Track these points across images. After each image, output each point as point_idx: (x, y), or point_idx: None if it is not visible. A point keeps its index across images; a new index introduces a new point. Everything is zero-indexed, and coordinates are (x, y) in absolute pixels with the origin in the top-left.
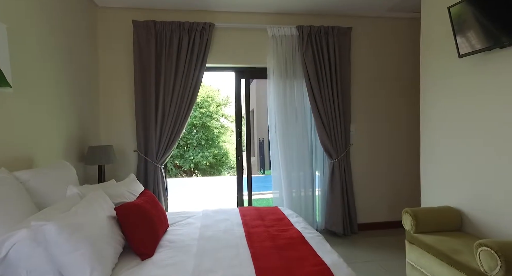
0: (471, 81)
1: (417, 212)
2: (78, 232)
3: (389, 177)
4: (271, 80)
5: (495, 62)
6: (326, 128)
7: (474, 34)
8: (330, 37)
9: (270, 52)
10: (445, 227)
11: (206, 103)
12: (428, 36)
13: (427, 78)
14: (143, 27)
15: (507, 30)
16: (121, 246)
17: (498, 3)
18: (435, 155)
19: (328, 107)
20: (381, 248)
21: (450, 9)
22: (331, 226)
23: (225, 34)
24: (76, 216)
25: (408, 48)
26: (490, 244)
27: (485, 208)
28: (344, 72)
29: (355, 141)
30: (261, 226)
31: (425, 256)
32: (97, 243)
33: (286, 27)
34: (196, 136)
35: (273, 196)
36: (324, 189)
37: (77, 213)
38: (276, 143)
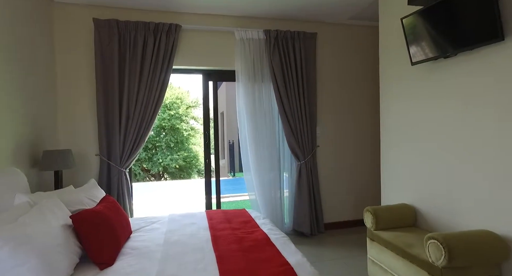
0: (422, 87)
1: (377, 210)
2: (25, 245)
3: (353, 177)
4: (239, 83)
5: (440, 70)
6: (293, 130)
7: (424, 44)
8: (296, 41)
9: (238, 55)
10: (402, 223)
11: (175, 105)
12: (385, 44)
13: (385, 83)
14: (105, 26)
15: (451, 42)
16: (78, 256)
17: (444, 17)
18: (393, 156)
19: (295, 110)
20: (346, 246)
21: (403, 20)
22: (299, 226)
23: (192, 36)
24: (24, 226)
25: (370, 54)
26: (437, 237)
27: (436, 205)
28: (310, 76)
29: (321, 143)
30: (228, 229)
31: (383, 252)
32: (48, 254)
33: (253, 30)
34: (165, 139)
35: (249, 198)
36: (292, 190)
37: (25, 223)
38: (247, 146)
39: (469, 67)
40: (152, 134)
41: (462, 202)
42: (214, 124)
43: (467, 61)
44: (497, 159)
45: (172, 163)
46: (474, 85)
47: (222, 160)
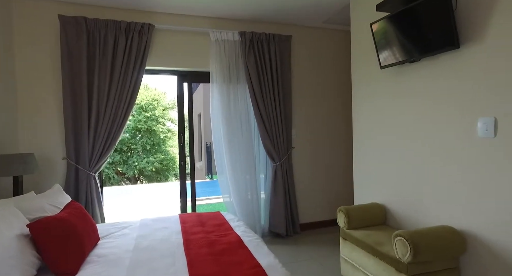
0: (390, 90)
1: (349, 210)
2: None
3: (327, 177)
4: (214, 85)
5: (407, 74)
6: (268, 132)
7: (391, 49)
8: (271, 44)
9: (213, 57)
10: (373, 222)
11: (151, 106)
12: (356, 48)
13: (356, 86)
14: (72, 24)
15: (415, 48)
16: (35, 267)
17: (408, 24)
18: (364, 157)
19: (271, 112)
20: (320, 246)
21: (372, 25)
22: (275, 227)
23: (166, 37)
24: None
25: (343, 57)
26: (403, 234)
27: (403, 203)
28: (285, 79)
29: (296, 144)
30: (201, 232)
31: (355, 250)
32: None
33: (228, 32)
34: (141, 141)
35: (223, 200)
36: (267, 192)
37: None
38: (222, 148)
39: (431, 71)
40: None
41: (426, 200)
42: (189, 126)
43: (430, 66)
44: (455, 159)
45: (148, 166)
46: (436, 88)
47: (199, 162)
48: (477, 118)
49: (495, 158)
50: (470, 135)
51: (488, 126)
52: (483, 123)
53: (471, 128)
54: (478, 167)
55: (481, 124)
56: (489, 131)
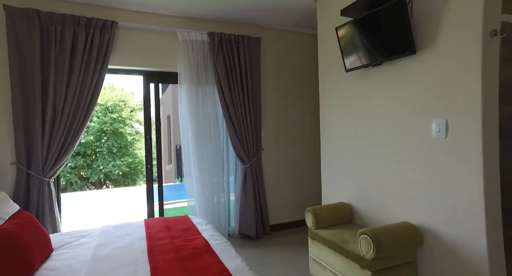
0: (355, 92)
1: (317, 210)
2: None
3: (297, 178)
4: (182, 86)
5: (370, 77)
6: (238, 134)
7: (356, 53)
8: (240, 45)
9: (181, 57)
10: (340, 220)
11: (118, 108)
12: (323, 51)
13: (323, 88)
14: (21, 16)
15: (378, 52)
16: None
17: (370, 30)
18: (331, 157)
19: (240, 114)
20: (290, 246)
21: (337, 29)
22: (245, 229)
23: (131, 35)
24: None
25: (311, 60)
26: (367, 232)
27: (368, 202)
28: (255, 80)
29: (266, 146)
30: (167, 237)
31: (323, 249)
32: None
33: (197, 32)
34: (107, 144)
35: (188, 204)
36: (237, 194)
37: None
38: (189, 150)
39: (392, 75)
40: (92, 139)
41: (388, 198)
42: (156, 127)
43: (391, 70)
44: (412, 159)
45: (115, 170)
46: (396, 91)
47: (169, 165)
48: (432, 120)
49: (447, 158)
50: (426, 136)
51: (440, 127)
52: (436, 124)
53: (426, 129)
54: (432, 166)
55: (435, 125)
56: (441, 132)
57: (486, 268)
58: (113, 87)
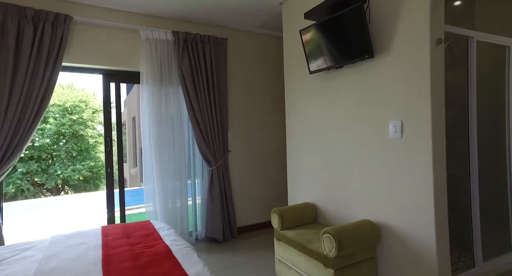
0: (319, 94)
1: (282, 211)
2: None
3: (264, 179)
4: (144, 86)
5: (332, 79)
6: (204, 136)
7: (319, 56)
8: (206, 45)
9: (144, 56)
10: (305, 221)
11: (78, 109)
12: (288, 53)
13: (289, 90)
14: None
15: (340, 56)
16: None
17: (332, 33)
18: (296, 157)
19: (206, 115)
20: (257, 248)
21: (301, 32)
22: (212, 233)
23: (89, 31)
24: None
25: (277, 62)
26: (329, 231)
27: (331, 201)
28: (221, 81)
29: (232, 147)
30: (125, 245)
31: (288, 250)
32: None
33: (161, 31)
34: (65, 147)
35: (146, 210)
36: (204, 197)
37: None
38: (151, 153)
39: (353, 77)
40: (48, 142)
41: (350, 197)
42: (117, 129)
43: (352, 73)
44: (372, 158)
45: (74, 174)
46: (357, 93)
47: (134, 168)
48: (389, 121)
49: (402, 157)
50: (384, 136)
51: (396, 128)
52: (393, 125)
53: (384, 130)
54: (389, 165)
55: (392, 126)
56: (398, 132)
57: (434, 258)
58: (72, 87)
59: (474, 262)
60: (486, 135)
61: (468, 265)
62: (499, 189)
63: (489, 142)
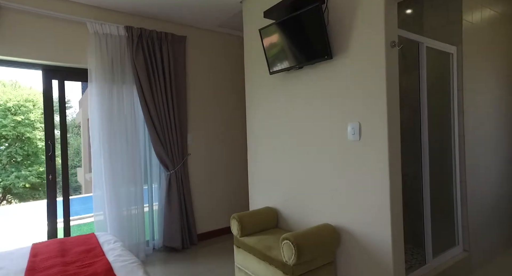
0: (279, 95)
1: (242, 216)
2: None
3: (226, 183)
4: (93, 84)
5: (292, 80)
6: (161, 138)
7: (279, 56)
8: (163, 43)
9: (92, 51)
10: (266, 226)
11: (24, 109)
12: (249, 53)
13: (249, 91)
14: None
15: (299, 56)
16: None
17: (293, 33)
18: (257, 160)
19: (163, 117)
20: (217, 256)
21: (261, 31)
22: (170, 241)
23: (24, 20)
24: None
25: (238, 62)
26: (289, 237)
27: (292, 205)
28: (180, 81)
29: (193, 151)
30: (57, 265)
31: (248, 257)
32: None
33: (112, 25)
34: (8, 151)
35: (95, 219)
36: (161, 203)
37: None
38: (101, 157)
39: (313, 78)
40: None
41: (311, 200)
42: (61, 132)
43: (311, 74)
44: (332, 161)
45: (19, 182)
46: (317, 94)
47: (89, 173)
48: (348, 123)
49: (360, 159)
50: (343, 138)
51: (354, 130)
52: (352, 127)
53: (343, 132)
54: (348, 167)
55: (350, 128)
56: (356, 134)
57: (389, 258)
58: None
59: (425, 258)
60: (437, 136)
61: (420, 262)
62: (447, 186)
63: (438, 142)
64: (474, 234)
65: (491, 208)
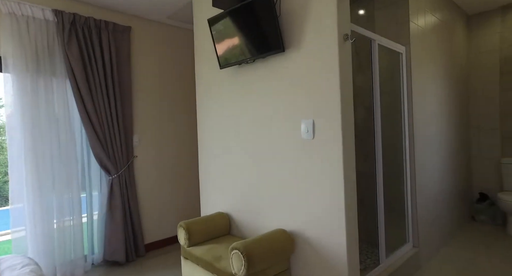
0: (231, 91)
1: (190, 224)
2: None
3: (177, 188)
4: (10, 76)
5: (244, 74)
6: (101, 140)
7: (229, 48)
8: (104, 33)
9: (6, 35)
10: (217, 233)
11: None
12: (199, 47)
13: (200, 86)
14: None
15: (251, 49)
16: None
17: (242, 24)
18: (209, 162)
19: (104, 115)
20: (166, 268)
21: (210, 21)
22: (112, 255)
23: None
24: None
25: (190, 57)
26: (238, 246)
27: (244, 210)
28: (124, 76)
29: (140, 152)
30: None
31: (196, 269)
32: None
33: (34, 6)
34: None
35: (12, 237)
36: (102, 212)
37: None
38: (21, 164)
39: (264, 73)
40: None
41: (263, 204)
42: None
43: (263, 68)
44: (285, 162)
45: None
46: (269, 90)
47: None
48: (301, 120)
49: (314, 159)
50: (296, 137)
51: (308, 128)
52: (305, 125)
53: (297, 131)
54: (301, 168)
55: (304, 126)
56: (309, 133)
57: (344, 261)
58: None
59: (379, 258)
60: (390, 134)
61: (375, 261)
62: (399, 184)
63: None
64: (422, 229)
65: (435, 203)
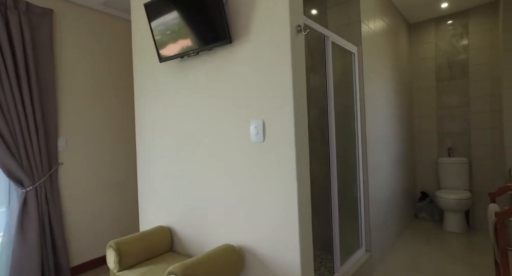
0: (172, 88)
1: (122, 243)
2: None
3: (113, 198)
4: None
5: (186, 69)
6: (10, 146)
7: (170, 39)
8: (13, 13)
9: None
10: (157, 250)
11: None
12: (137, 37)
13: (138, 83)
14: None
15: (194, 40)
16: None
17: (184, 11)
18: (148, 169)
19: (15, 115)
20: None
21: (146, 6)
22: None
23: None
24: None
25: (129, 51)
26: (175, 271)
27: (189, 224)
28: (45, 68)
29: (66, 159)
30: None
31: None
32: None
33: None
34: None
35: None
36: (10, 233)
37: None
38: None
39: (210, 67)
40: None
41: (209, 217)
42: None
43: (208, 61)
44: (231, 169)
45: None
46: (215, 87)
47: None
48: (250, 121)
49: (265, 166)
50: (245, 140)
51: (258, 130)
52: (254, 126)
53: (245, 132)
54: (251, 176)
55: (253, 127)
56: (259, 135)
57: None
58: None
59: (333, 267)
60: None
61: (329, 269)
62: (352, 187)
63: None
64: (374, 233)
65: (386, 205)
